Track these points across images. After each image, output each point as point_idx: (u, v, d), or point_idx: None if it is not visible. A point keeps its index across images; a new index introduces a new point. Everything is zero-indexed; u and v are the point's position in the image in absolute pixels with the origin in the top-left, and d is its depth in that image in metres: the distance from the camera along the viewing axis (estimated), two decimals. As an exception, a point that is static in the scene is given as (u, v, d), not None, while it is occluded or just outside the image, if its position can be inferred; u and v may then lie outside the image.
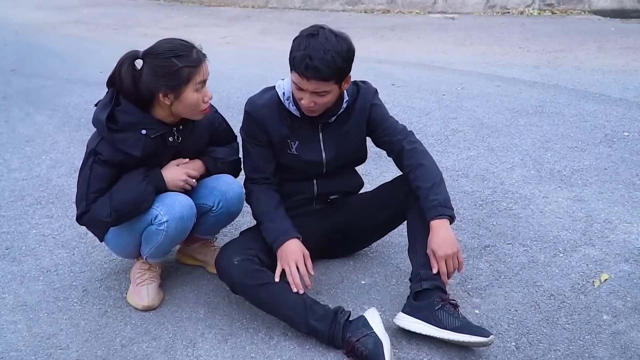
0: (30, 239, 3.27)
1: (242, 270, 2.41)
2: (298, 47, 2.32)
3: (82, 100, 5.83)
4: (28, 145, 4.70)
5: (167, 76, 2.31)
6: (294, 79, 2.36)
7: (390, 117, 2.70)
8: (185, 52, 2.33)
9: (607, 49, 7.00)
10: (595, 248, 2.96)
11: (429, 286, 2.39)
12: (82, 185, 2.44)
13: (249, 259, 2.45)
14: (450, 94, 5.56)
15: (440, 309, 2.33)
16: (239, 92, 5.53)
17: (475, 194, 3.56)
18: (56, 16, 11.34)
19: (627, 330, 2.39)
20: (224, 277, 2.48)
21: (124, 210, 2.40)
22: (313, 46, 2.29)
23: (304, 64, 2.28)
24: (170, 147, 2.52)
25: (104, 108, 2.40)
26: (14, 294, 2.80)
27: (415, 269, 2.48)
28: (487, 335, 2.22)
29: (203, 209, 2.60)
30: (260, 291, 2.41)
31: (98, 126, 2.43)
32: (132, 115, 2.38)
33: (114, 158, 2.40)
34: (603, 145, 4.19)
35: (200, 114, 2.45)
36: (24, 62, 7.70)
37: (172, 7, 12.34)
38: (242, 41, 8.54)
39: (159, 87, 2.33)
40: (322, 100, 2.39)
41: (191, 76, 2.33)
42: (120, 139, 2.38)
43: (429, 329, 2.33)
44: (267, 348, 2.39)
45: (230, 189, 2.61)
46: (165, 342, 2.45)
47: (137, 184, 2.41)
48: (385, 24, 9.34)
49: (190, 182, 2.56)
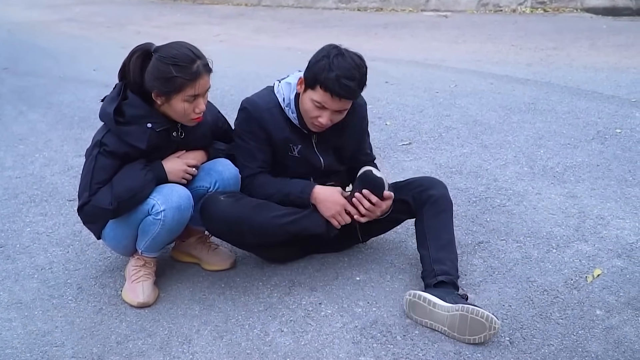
0: (24, 237, 3.27)
1: (229, 201, 2.53)
2: (329, 68, 2.36)
3: (75, 98, 5.83)
4: (21, 143, 4.69)
5: (161, 80, 2.37)
6: (319, 98, 2.40)
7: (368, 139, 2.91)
8: (185, 64, 2.36)
9: (599, 46, 7.03)
10: (588, 244, 2.98)
11: (445, 280, 2.46)
12: (86, 176, 2.47)
13: (233, 195, 2.57)
14: (444, 91, 5.58)
15: (456, 296, 2.40)
16: (232, 90, 5.54)
17: (469, 191, 3.58)
18: (49, 14, 11.32)
19: (620, 325, 2.41)
20: (215, 215, 2.55)
21: (125, 197, 2.42)
22: (344, 67, 2.36)
23: (339, 84, 2.34)
24: (173, 142, 2.57)
25: (111, 102, 2.46)
26: (9, 291, 2.80)
27: (428, 266, 2.54)
28: (497, 318, 2.27)
29: (200, 191, 2.62)
30: (254, 213, 2.53)
31: (105, 119, 2.47)
32: (139, 108, 2.44)
33: (119, 150, 2.44)
34: (595, 142, 4.20)
35: (190, 121, 2.49)
36: (17, 60, 7.69)
37: (165, 5, 12.32)
38: (235, 39, 8.53)
39: (153, 86, 2.39)
40: (339, 117, 2.49)
41: (183, 88, 2.37)
42: (127, 131, 2.43)
43: (442, 302, 2.36)
44: (262, 344, 2.39)
45: (227, 169, 2.64)
46: (161, 338, 2.45)
47: (138, 171, 2.46)
48: (378, 22, 9.35)
49: (190, 171, 2.59)
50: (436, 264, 2.50)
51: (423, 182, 2.72)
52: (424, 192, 2.65)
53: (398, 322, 2.47)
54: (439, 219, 2.61)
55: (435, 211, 2.61)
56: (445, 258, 2.52)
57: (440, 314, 2.35)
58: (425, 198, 2.63)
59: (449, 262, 2.52)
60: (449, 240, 2.60)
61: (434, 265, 2.50)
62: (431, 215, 2.61)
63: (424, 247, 2.59)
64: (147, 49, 2.42)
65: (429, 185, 2.68)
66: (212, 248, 2.91)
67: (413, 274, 2.74)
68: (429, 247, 2.56)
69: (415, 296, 2.43)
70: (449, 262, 2.52)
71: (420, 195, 2.65)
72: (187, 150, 2.64)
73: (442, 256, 2.53)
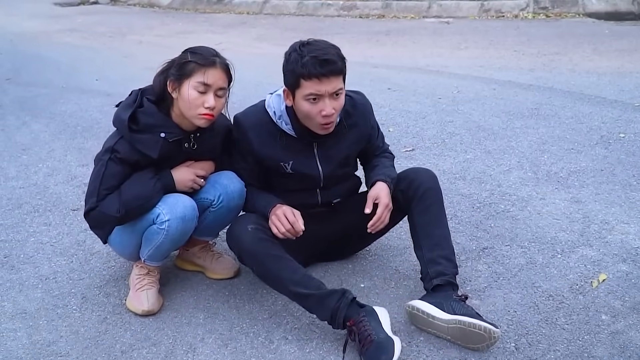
0: (28, 247, 3.27)
1: (254, 237, 2.41)
2: (300, 57, 2.32)
3: (78, 108, 5.83)
4: (25, 153, 4.70)
5: (177, 66, 2.43)
6: (308, 89, 2.33)
7: (379, 131, 2.82)
8: (201, 52, 2.43)
9: (602, 51, 7.03)
10: (593, 249, 2.97)
11: (441, 282, 2.43)
12: (95, 181, 2.47)
13: (261, 229, 2.45)
14: (446, 97, 5.58)
15: (454, 301, 2.36)
16: (234, 98, 5.50)
17: (473, 197, 3.57)
18: (51, 24, 11.34)
19: (625, 330, 2.40)
20: (235, 242, 2.46)
21: (132, 205, 2.42)
22: (314, 48, 2.33)
23: (318, 63, 2.29)
24: (184, 153, 2.57)
25: (126, 108, 2.47)
26: (13, 301, 2.80)
27: (424, 268, 2.52)
28: (496, 326, 2.24)
29: (204, 204, 2.61)
30: (268, 261, 2.40)
31: (119, 125, 2.48)
32: (153, 117, 2.46)
33: (131, 157, 2.45)
34: (599, 146, 4.20)
35: (198, 117, 2.44)
36: (20, 70, 7.70)
37: (166, 14, 12.34)
38: (237, 47, 8.54)
39: (168, 74, 2.44)
40: (338, 103, 2.40)
41: (193, 72, 2.39)
42: (139, 139, 2.43)
43: (440, 312, 2.34)
44: (267, 352, 2.39)
45: (232, 183, 2.61)
46: (165, 347, 2.45)
47: (147, 180, 2.46)
48: (380, 29, 9.36)
49: (198, 181, 2.59)
50: (431, 266, 2.47)
51: (409, 174, 2.66)
52: (411, 187, 2.58)
53: (403, 328, 2.47)
54: (429, 213, 2.56)
55: (424, 206, 2.56)
56: (439, 256, 2.48)
57: (440, 326, 2.35)
58: (412, 193, 2.57)
59: (443, 260, 2.48)
60: (442, 235, 2.55)
61: (429, 268, 2.48)
62: (420, 211, 2.56)
63: (418, 247, 2.56)
64: None
65: (414, 177, 2.61)
66: (216, 256, 2.91)
67: (417, 280, 2.73)
68: (422, 247, 2.53)
69: (413, 308, 2.43)
70: (444, 260, 2.48)
71: (408, 190, 2.59)
72: (196, 160, 2.63)
73: (436, 255, 2.49)
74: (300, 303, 2.43)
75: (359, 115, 2.65)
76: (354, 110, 2.63)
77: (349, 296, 2.34)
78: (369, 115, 2.70)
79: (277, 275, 2.41)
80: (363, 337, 2.23)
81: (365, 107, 2.69)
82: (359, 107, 2.66)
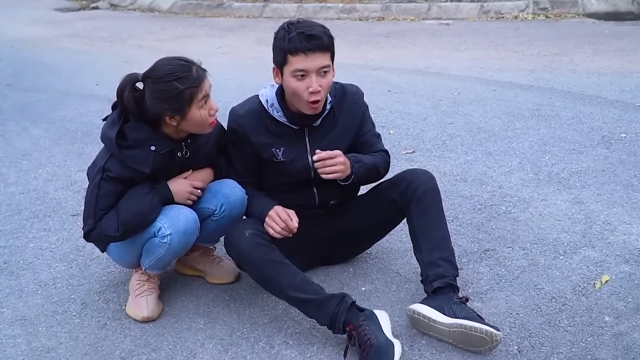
0: (27, 253, 3.25)
1: (252, 242, 2.40)
2: (287, 33, 2.37)
3: (78, 114, 5.83)
4: (24, 159, 4.69)
5: (170, 100, 2.33)
6: (295, 65, 2.36)
7: (372, 126, 2.78)
8: (185, 73, 2.34)
9: (602, 51, 7.01)
10: (595, 250, 2.95)
11: (441, 284, 2.41)
12: (90, 203, 2.44)
13: (260, 234, 2.44)
14: (447, 99, 5.56)
15: (455, 303, 2.35)
16: (235, 102, 5.48)
17: (474, 198, 3.56)
18: (51, 30, 11.34)
19: (629, 331, 2.38)
20: (233, 248, 2.46)
21: (131, 223, 2.40)
22: (302, 25, 2.38)
23: (304, 37, 2.32)
24: (178, 163, 2.54)
25: (113, 125, 2.41)
26: (12, 308, 2.78)
27: (424, 271, 2.50)
28: (498, 329, 2.23)
29: (205, 213, 2.59)
30: (267, 266, 2.39)
31: (107, 143, 2.43)
32: (141, 131, 2.40)
33: (123, 175, 2.41)
34: (600, 147, 4.19)
35: (209, 127, 2.46)
36: (20, 76, 7.70)
37: (166, 18, 12.34)
38: (237, 51, 8.54)
39: (163, 110, 2.35)
40: (325, 81, 2.40)
41: (194, 96, 2.35)
42: (130, 155, 2.39)
43: (441, 316, 2.33)
44: (268, 357, 2.37)
45: (234, 192, 2.60)
46: (166, 353, 2.43)
47: (144, 196, 2.42)
48: (380, 31, 9.36)
49: (196, 192, 2.57)
50: (430, 268, 2.46)
51: (406, 176, 2.65)
52: (409, 189, 2.57)
53: (405, 332, 2.45)
54: (428, 215, 2.55)
55: (422, 208, 2.55)
56: (439, 258, 2.47)
57: (441, 329, 2.33)
58: (410, 195, 2.56)
59: (443, 262, 2.47)
60: (441, 237, 2.54)
61: (429, 271, 2.46)
62: (418, 213, 2.55)
63: (418, 250, 2.55)
64: (135, 79, 2.39)
65: (412, 179, 2.60)
66: (216, 261, 2.89)
67: (419, 283, 2.71)
68: (422, 250, 2.52)
69: (414, 312, 2.41)
70: (444, 262, 2.47)
71: (406, 192, 2.58)
72: (194, 168, 2.61)
73: (436, 257, 2.47)
74: (299, 308, 2.42)
75: (350, 102, 2.67)
76: (344, 97, 2.65)
77: (348, 300, 2.33)
78: (360, 102, 2.71)
79: (276, 281, 2.40)
80: (363, 342, 2.22)
81: (355, 95, 2.70)
82: (349, 95, 2.68)
